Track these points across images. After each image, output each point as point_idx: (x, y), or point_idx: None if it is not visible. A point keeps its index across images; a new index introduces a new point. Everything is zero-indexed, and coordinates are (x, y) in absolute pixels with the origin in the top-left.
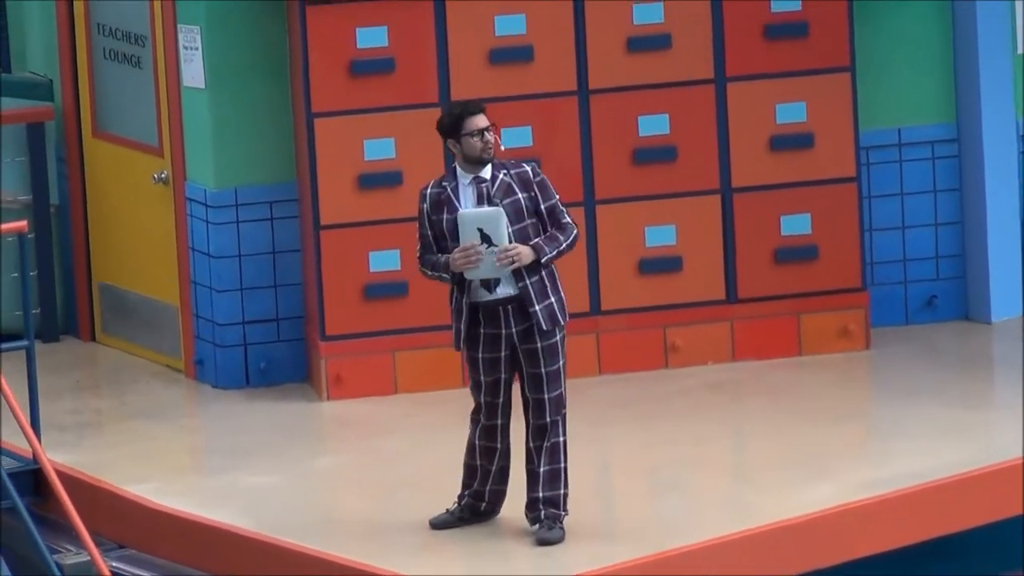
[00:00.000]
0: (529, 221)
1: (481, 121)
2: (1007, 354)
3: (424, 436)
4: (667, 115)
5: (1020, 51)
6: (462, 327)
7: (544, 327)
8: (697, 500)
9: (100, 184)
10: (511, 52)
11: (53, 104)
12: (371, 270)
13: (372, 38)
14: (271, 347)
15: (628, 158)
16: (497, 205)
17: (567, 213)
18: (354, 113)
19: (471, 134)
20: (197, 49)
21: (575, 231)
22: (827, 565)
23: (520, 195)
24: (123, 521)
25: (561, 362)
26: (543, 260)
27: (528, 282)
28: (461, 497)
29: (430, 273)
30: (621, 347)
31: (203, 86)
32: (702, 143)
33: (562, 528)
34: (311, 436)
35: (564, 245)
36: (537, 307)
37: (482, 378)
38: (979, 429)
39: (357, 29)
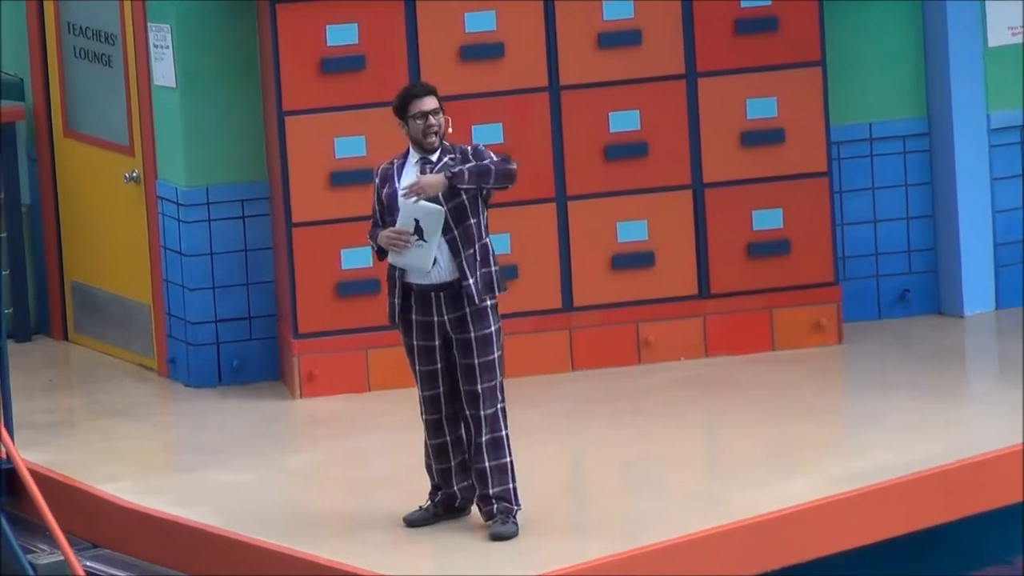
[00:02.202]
0: (465, 196)
1: (425, 104)
2: (980, 347)
3: (397, 433)
4: (638, 111)
5: (990, 45)
6: (396, 302)
7: (477, 301)
8: (670, 496)
9: (71, 183)
10: (481, 49)
11: (24, 103)
12: (343, 268)
13: (342, 35)
14: (243, 345)
15: (599, 154)
16: (441, 204)
17: (497, 155)
18: (325, 111)
19: (415, 116)
20: (168, 48)
21: (503, 161)
22: (802, 560)
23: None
24: (97, 520)
25: (496, 353)
26: (458, 183)
27: (463, 256)
28: (433, 494)
29: (371, 244)
30: (594, 343)
31: (174, 85)
32: (673, 139)
33: (515, 522)
34: (284, 434)
35: (482, 165)
36: (470, 280)
37: (417, 367)
38: (952, 423)
39: (327, 26)
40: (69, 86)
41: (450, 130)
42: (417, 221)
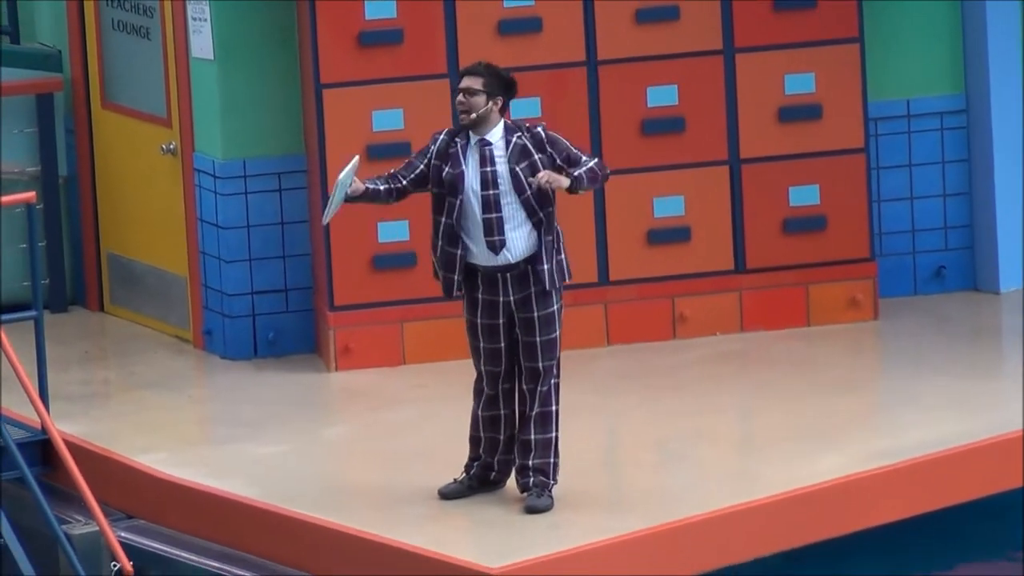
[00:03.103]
0: (530, 190)
1: (462, 83)
2: (1015, 325)
3: (432, 407)
4: (676, 86)
5: None
6: (457, 279)
7: (547, 287)
8: (705, 471)
9: (108, 155)
10: (520, 23)
11: (62, 75)
12: (379, 241)
13: (380, 9)
14: (279, 318)
15: (637, 129)
16: (496, 168)
17: (585, 153)
18: (362, 84)
19: (454, 92)
20: (206, 20)
21: (600, 162)
22: (836, 535)
23: (536, 156)
24: (131, 491)
25: (557, 332)
26: (578, 187)
27: (542, 241)
28: (469, 467)
29: (375, 183)
30: (629, 318)
31: (212, 57)
32: (711, 114)
33: (551, 496)
34: (319, 407)
35: (592, 172)
36: (545, 265)
37: (481, 344)
38: (987, 400)
39: (365, 1)
40: (107, 58)
41: (483, 112)
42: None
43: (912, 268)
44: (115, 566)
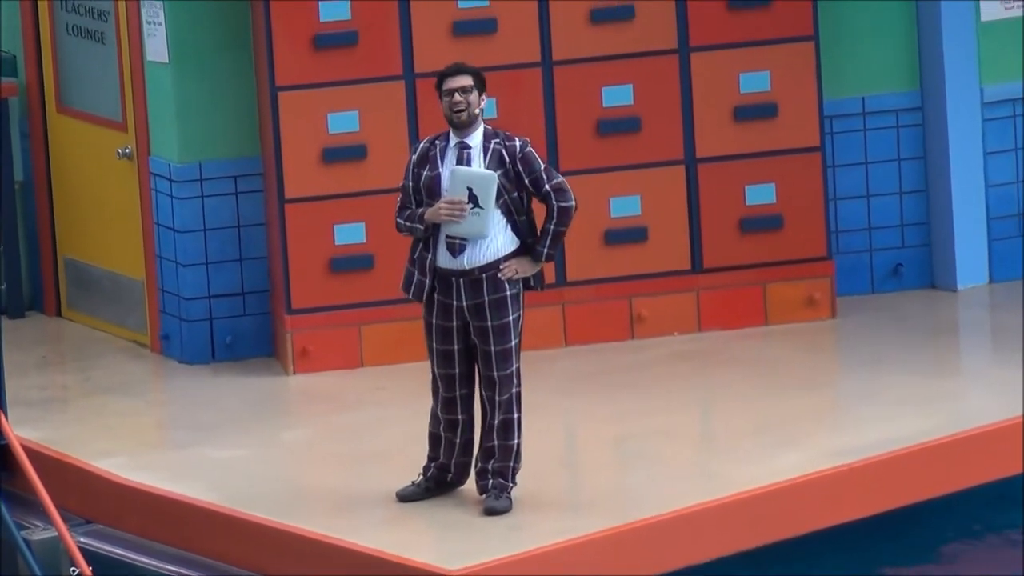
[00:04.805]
0: (507, 195)
1: (455, 82)
2: (973, 321)
3: (390, 409)
4: (631, 86)
5: (983, 19)
6: (426, 281)
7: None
8: (664, 470)
9: (64, 159)
10: (474, 24)
11: (17, 80)
12: (336, 243)
13: (335, 11)
14: (237, 321)
15: (592, 129)
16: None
17: (553, 178)
18: (318, 87)
19: (445, 93)
20: (160, 24)
21: (564, 204)
22: (797, 534)
23: (508, 166)
24: (90, 496)
25: (513, 342)
26: (549, 260)
27: (499, 258)
28: (427, 469)
29: (404, 224)
30: (587, 318)
31: (167, 61)
32: (666, 113)
33: (509, 498)
34: (278, 410)
35: (556, 231)
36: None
37: (434, 345)
38: (946, 397)
39: (320, 2)
40: (62, 62)
41: (476, 111)
42: (471, 189)
43: (869, 266)
44: (74, 571)
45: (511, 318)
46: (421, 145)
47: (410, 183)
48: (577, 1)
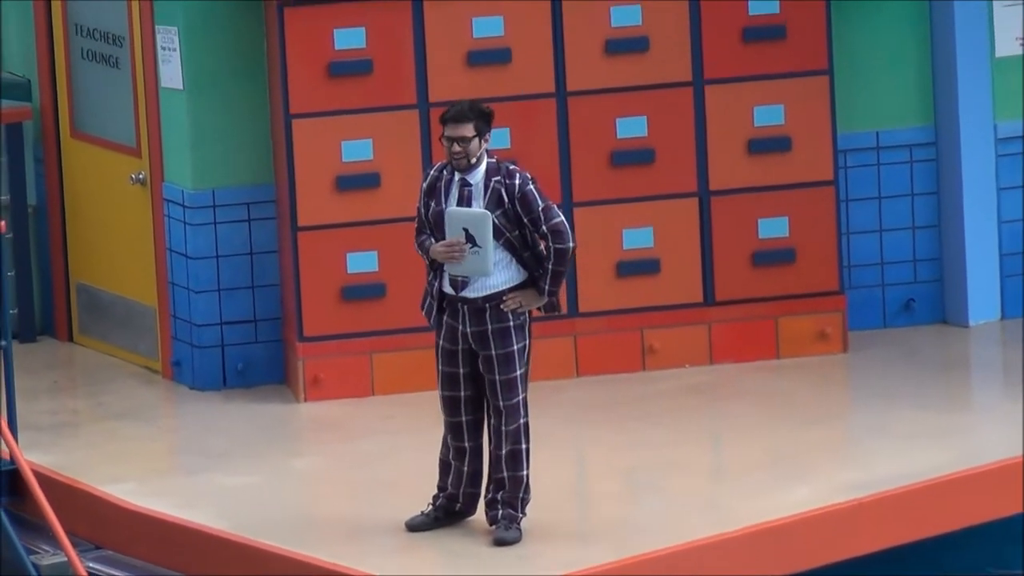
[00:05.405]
0: (509, 234)
1: (454, 131)
2: (984, 357)
3: (401, 438)
4: (645, 117)
5: (998, 55)
6: (435, 304)
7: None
8: (674, 502)
9: (78, 184)
10: (489, 54)
11: (31, 104)
12: (349, 271)
13: (350, 39)
14: (248, 348)
15: (606, 160)
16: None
17: (552, 219)
18: (332, 115)
19: (443, 138)
20: (175, 50)
21: (559, 246)
22: (805, 568)
23: (507, 205)
24: (100, 522)
25: (519, 371)
26: (554, 297)
27: (502, 289)
28: (436, 498)
29: (420, 251)
30: (598, 349)
31: (181, 87)
32: (680, 146)
33: (519, 529)
34: (288, 437)
35: (554, 271)
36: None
37: (440, 367)
38: (957, 432)
39: (335, 30)
40: (76, 87)
41: (475, 159)
42: (466, 229)
43: (881, 301)
44: None
45: (515, 347)
46: (431, 172)
47: (421, 209)
48: (592, 32)
